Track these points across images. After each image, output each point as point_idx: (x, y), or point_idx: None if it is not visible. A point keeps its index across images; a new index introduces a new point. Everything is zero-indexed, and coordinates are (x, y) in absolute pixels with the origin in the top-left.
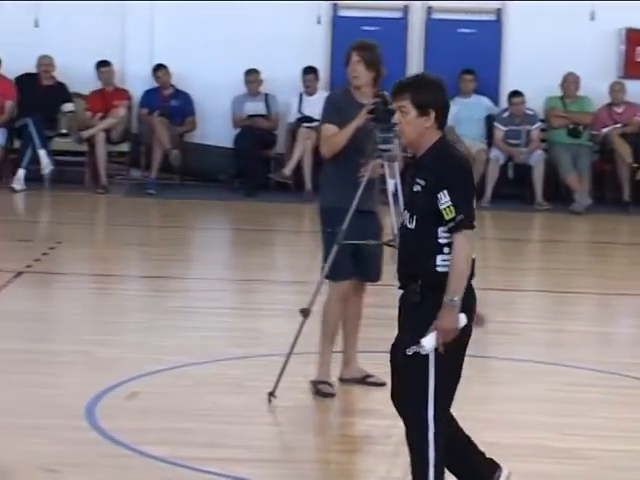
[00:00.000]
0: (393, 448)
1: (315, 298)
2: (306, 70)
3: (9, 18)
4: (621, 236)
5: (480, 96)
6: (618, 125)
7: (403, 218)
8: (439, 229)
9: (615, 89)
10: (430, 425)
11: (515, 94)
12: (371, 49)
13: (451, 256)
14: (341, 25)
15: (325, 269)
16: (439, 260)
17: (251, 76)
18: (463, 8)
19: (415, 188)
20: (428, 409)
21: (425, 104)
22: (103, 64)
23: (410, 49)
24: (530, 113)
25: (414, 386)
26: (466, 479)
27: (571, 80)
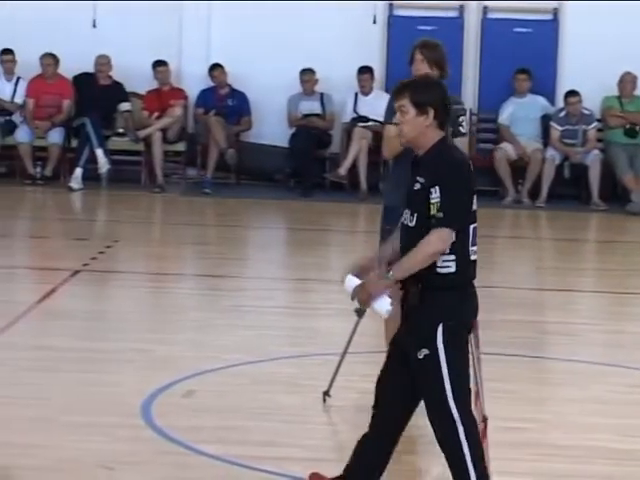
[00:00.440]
0: None
1: None
2: (361, 70)
3: (67, 18)
4: None
5: (536, 95)
6: None
7: (404, 217)
8: None
9: None
10: (457, 421)
11: (571, 94)
12: (435, 48)
13: (420, 242)
14: (397, 25)
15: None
16: (439, 261)
17: (306, 75)
18: (519, 8)
19: (415, 187)
20: (451, 407)
21: (423, 103)
22: (160, 64)
23: (466, 49)
24: (587, 113)
25: (432, 387)
26: None
27: (628, 80)
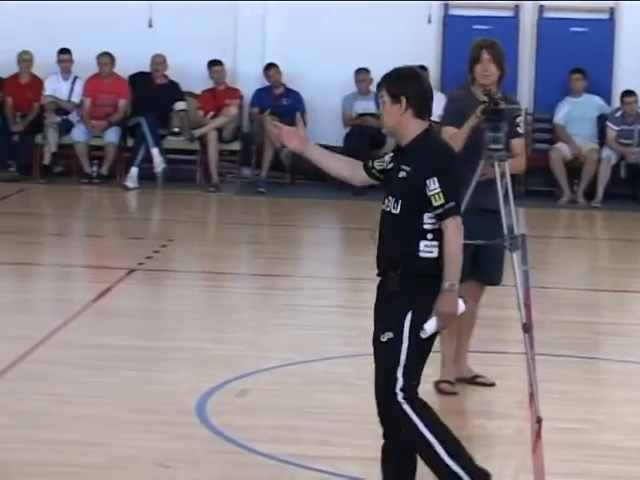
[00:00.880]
0: (504, 449)
1: None
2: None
3: (123, 18)
4: None
5: (592, 95)
6: None
7: (386, 204)
8: (425, 215)
9: None
10: (399, 396)
11: (628, 93)
12: (498, 47)
13: (444, 243)
14: (452, 24)
15: None
16: (422, 246)
17: (361, 75)
18: (575, 7)
19: (400, 174)
20: (397, 384)
21: (397, 93)
22: (215, 63)
23: (521, 48)
24: None
25: (387, 367)
26: None
27: None
